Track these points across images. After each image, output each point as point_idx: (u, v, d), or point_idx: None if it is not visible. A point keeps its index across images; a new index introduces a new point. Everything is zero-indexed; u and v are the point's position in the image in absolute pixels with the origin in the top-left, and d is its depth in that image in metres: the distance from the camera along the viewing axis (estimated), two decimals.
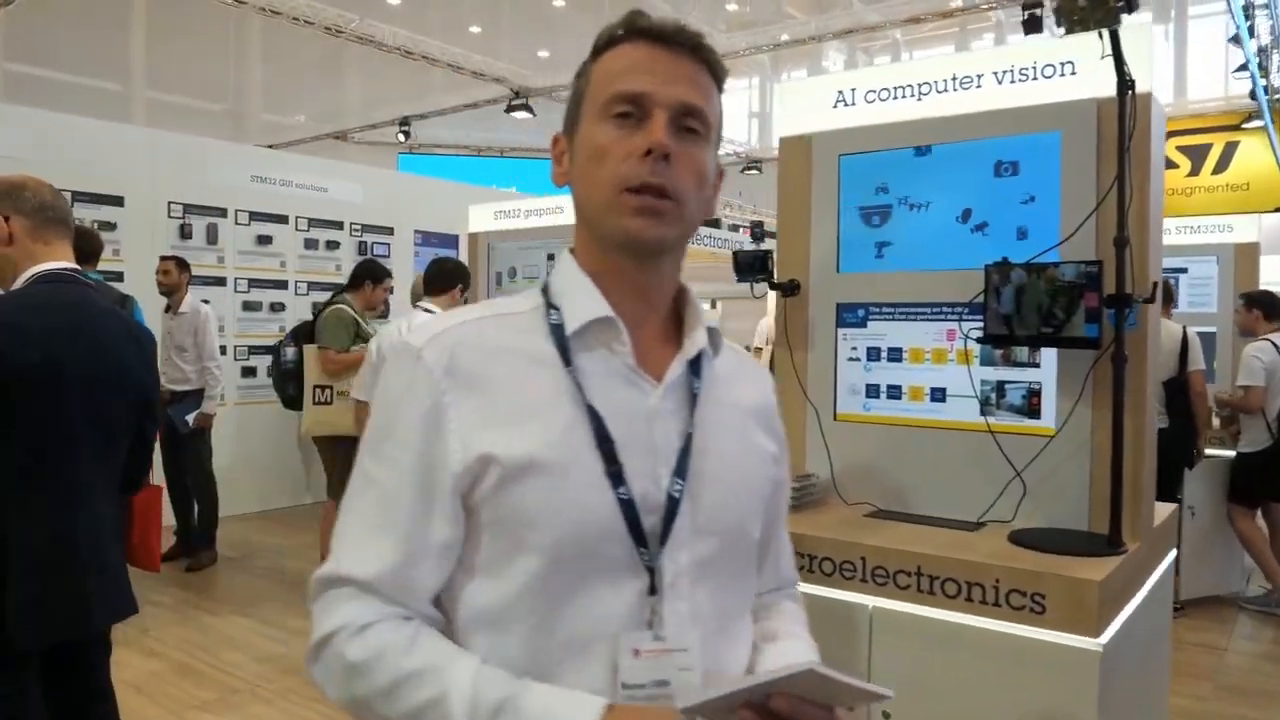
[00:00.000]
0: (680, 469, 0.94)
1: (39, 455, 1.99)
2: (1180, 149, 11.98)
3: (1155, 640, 2.68)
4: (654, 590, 0.90)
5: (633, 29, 0.97)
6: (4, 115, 6.53)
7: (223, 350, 6.57)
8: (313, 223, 8.08)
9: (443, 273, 4.16)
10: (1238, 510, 5.25)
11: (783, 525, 1.16)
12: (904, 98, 2.74)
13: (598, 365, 0.94)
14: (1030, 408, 2.54)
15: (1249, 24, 8.62)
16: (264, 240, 7.72)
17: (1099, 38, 2.10)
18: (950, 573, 2.21)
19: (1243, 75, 9.25)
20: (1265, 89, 9.38)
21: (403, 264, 8.67)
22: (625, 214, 0.92)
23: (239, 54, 16.04)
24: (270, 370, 5.85)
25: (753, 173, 24.03)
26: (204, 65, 15.88)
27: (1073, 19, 2.00)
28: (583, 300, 0.96)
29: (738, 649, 1.00)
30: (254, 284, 7.65)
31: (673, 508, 0.92)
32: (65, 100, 11.40)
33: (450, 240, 9.10)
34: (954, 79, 2.65)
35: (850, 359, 2.83)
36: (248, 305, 7.62)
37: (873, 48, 24.19)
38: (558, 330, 0.95)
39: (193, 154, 7.43)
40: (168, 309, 5.91)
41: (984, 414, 2.59)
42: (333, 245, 8.23)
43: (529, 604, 0.88)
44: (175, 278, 5.80)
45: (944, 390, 2.68)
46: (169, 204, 7.15)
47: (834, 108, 2.84)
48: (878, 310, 2.78)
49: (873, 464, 2.76)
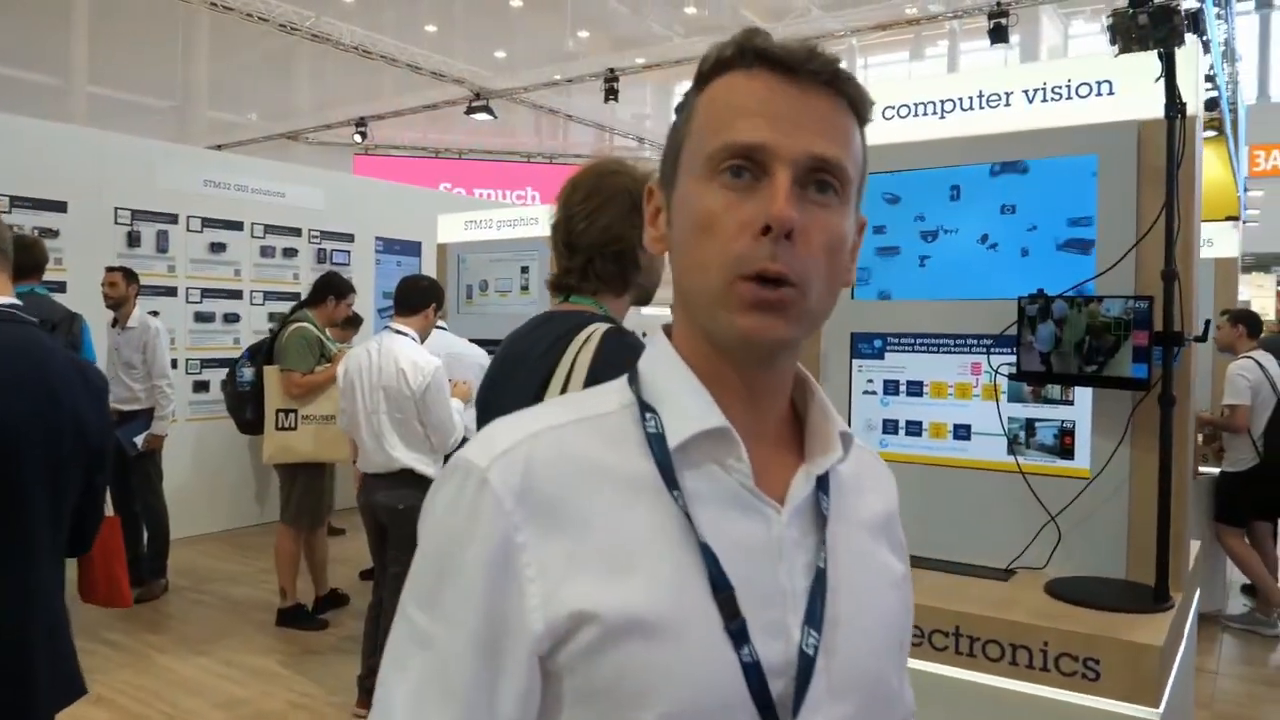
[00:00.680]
0: (812, 615, 0.74)
1: None
2: None
3: (1189, 687, 2.55)
4: None
5: (749, 52, 0.74)
6: None
7: (173, 364, 6.24)
8: (269, 229, 7.75)
9: (416, 291, 3.91)
10: (1225, 530, 5.20)
11: (907, 651, 0.93)
12: (925, 115, 2.58)
13: (708, 487, 0.74)
14: (1063, 447, 2.39)
15: (1213, 35, 8.65)
16: (217, 248, 7.38)
17: (1159, 58, 1.94)
18: (993, 633, 2.04)
19: (1205, 86, 9.30)
20: (1228, 101, 9.44)
21: (363, 273, 8.37)
22: (738, 309, 0.72)
23: (186, 49, 15.50)
24: (224, 390, 5.52)
25: None
26: (149, 60, 15.33)
27: (1130, 37, 1.84)
28: (689, 404, 0.76)
29: None
30: (207, 294, 7.30)
31: (807, 667, 0.72)
32: None
33: (413, 248, 8.81)
34: (980, 96, 2.48)
35: (866, 392, 2.66)
36: (200, 316, 7.27)
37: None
38: (657, 442, 0.74)
39: (141, 156, 7.06)
40: (114, 323, 5.57)
41: (1012, 453, 2.43)
42: (290, 253, 7.90)
43: None
44: (122, 290, 5.47)
45: (968, 427, 2.52)
46: (115, 210, 6.78)
47: None
48: (896, 341, 2.61)
49: None
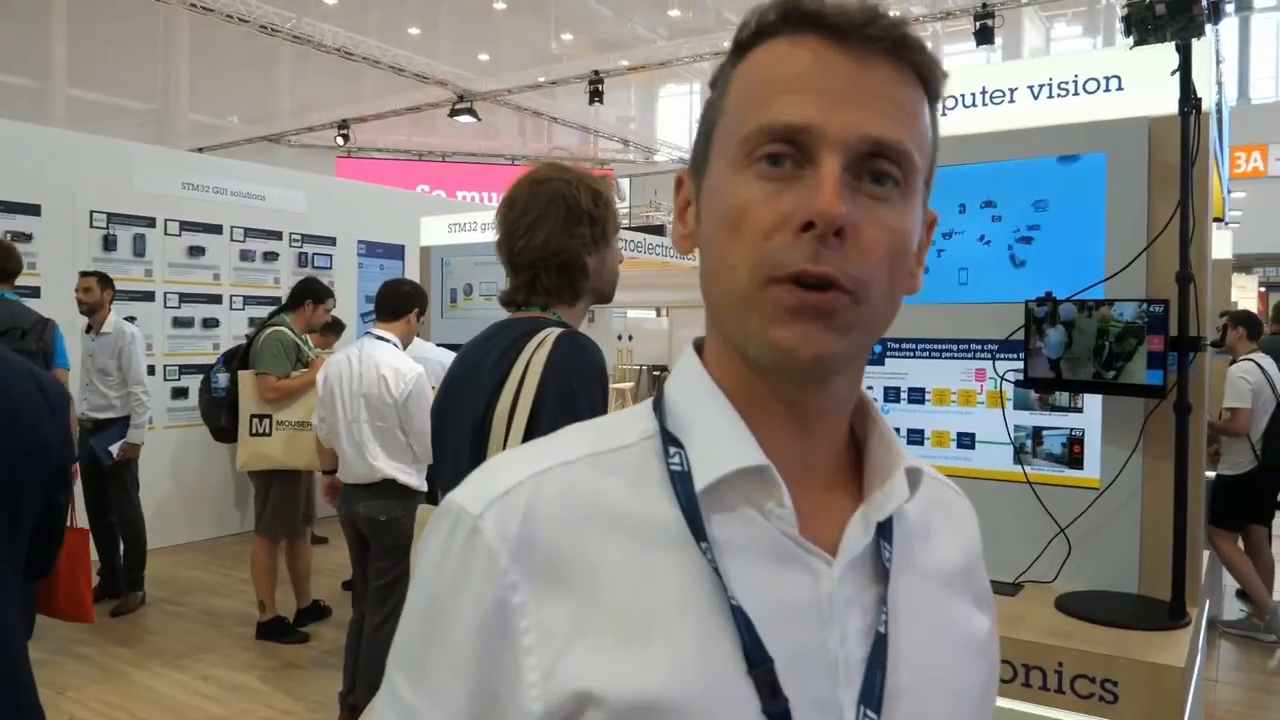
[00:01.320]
0: (870, 692, 0.60)
1: None
2: None
3: (1200, 703, 2.47)
4: None
5: (795, 13, 0.61)
6: None
7: (151, 371, 6.08)
8: (249, 233, 7.60)
9: (398, 296, 3.80)
10: (1220, 534, 5.14)
11: (992, 710, 0.78)
12: None
13: (742, 536, 0.61)
14: (1071, 456, 2.30)
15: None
16: (196, 252, 7.23)
17: (1176, 50, 1.86)
18: (1004, 653, 1.94)
19: None
20: (1216, 103, 9.45)
21: (345, 277, 8.25)
22: (771, 317, 0.59)
23: (166, 51, 15.32)
24: (199, 396, 5.38)
25: None
26: (129, 62, 15.14)
27: (1146, 29, 1.76)
28: (720, 436, 0.63)
29: None
30: (185, 299, 7.15)
31: None
32: None
33: (396, 251, 8.69)
34: (984, 92, 2.40)
35: None
36: (178, 322, 7.12)
37: None
38: (682, 482, 0.62)
39: (118, 158, 6.91)
40: (89, 329, 5.43)
41: (1019, 462, 2.35)
42: (271, 257, 7.76)
43: None
44: (97, 295, 5.33)
45: (973, 436, 2.44)
46: (91, 213, 6.62)
47: None
48: (897, 346, 2.52)
49: None
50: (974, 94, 2.42)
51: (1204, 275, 2.13)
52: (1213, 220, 6.24)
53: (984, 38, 11.37)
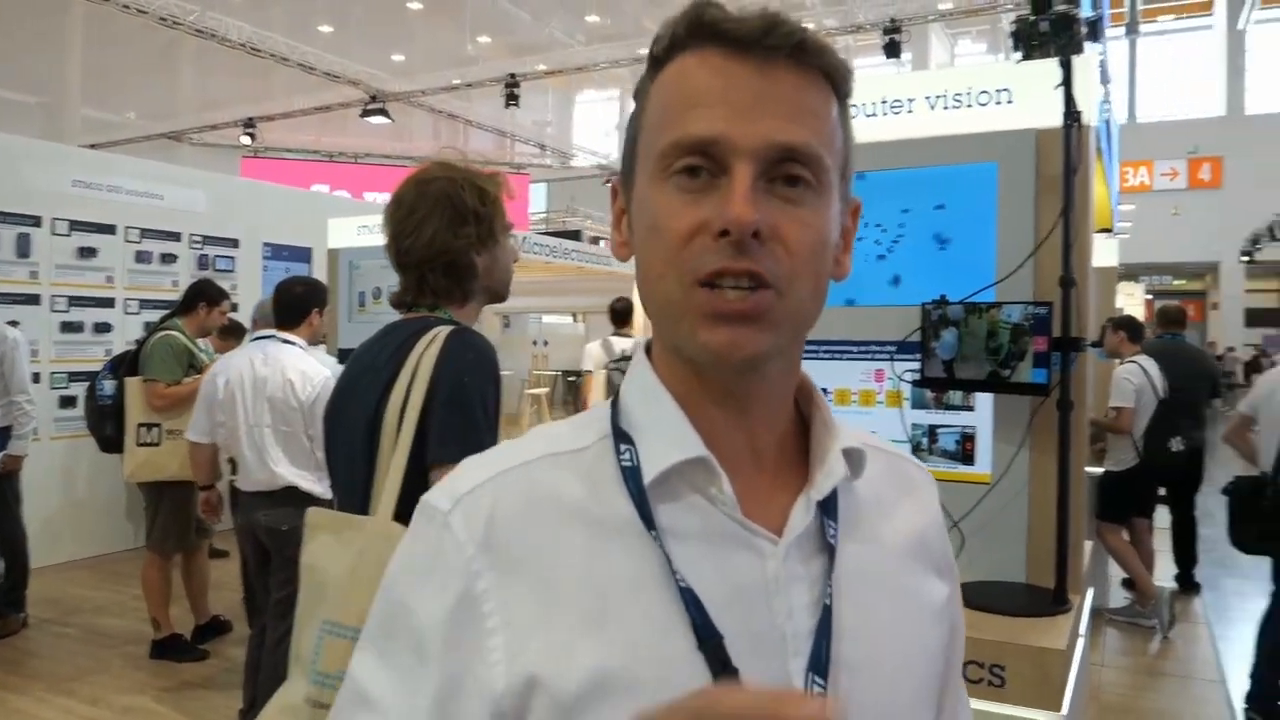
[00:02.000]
0: (817, 661, 0.65)
1: None
2: None
3: (1085, 685, 2.59)
4: None
5: (698, 27, 0.64)
6: None
7: (35, 378, 5.81)
8: (145, 233, 7.32)
9: (296, 299, 3.67)
10: (1107, 527, 5.39)
11: (958, 676, 0.84)
12: None
13: (691, 522, 0.66)
14: (964, 453, 2.39)
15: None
16: (87, 253, 6.92)
17: (1060, 65, 1.96)
18: None
19: None
20: (1104, 120, 9.91)
21: (249, 280, 8.02)
22: (699, 321, 0.63)
23: (58, 42, 14.66)
24: (85, 404, 5.15)
25: None
26: (15, 53, 14.45)
27: (1032, 44, 1.84)
28: (664, 432, 0.67)
29: None
30: (75, 302, 6.84)
31: None
32: None
33: (303, 254, 8.49)
34: (884, 102, 2.48)
35: None
36: (67, 326, 6.79)
37: None
38: (632, 477, 0.66)
39: (1, 153, 6.58)
40: None
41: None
42: (169, 259, 7.49)
43: None
44: None
45: (873, 435, 2.50)
46: None
47: None
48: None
49: None
50: (874, 104, 2.49)
51: (1084, 280, 2.24)
52: (1102, 230, 6.57)
53: (892, 52, 11.72)
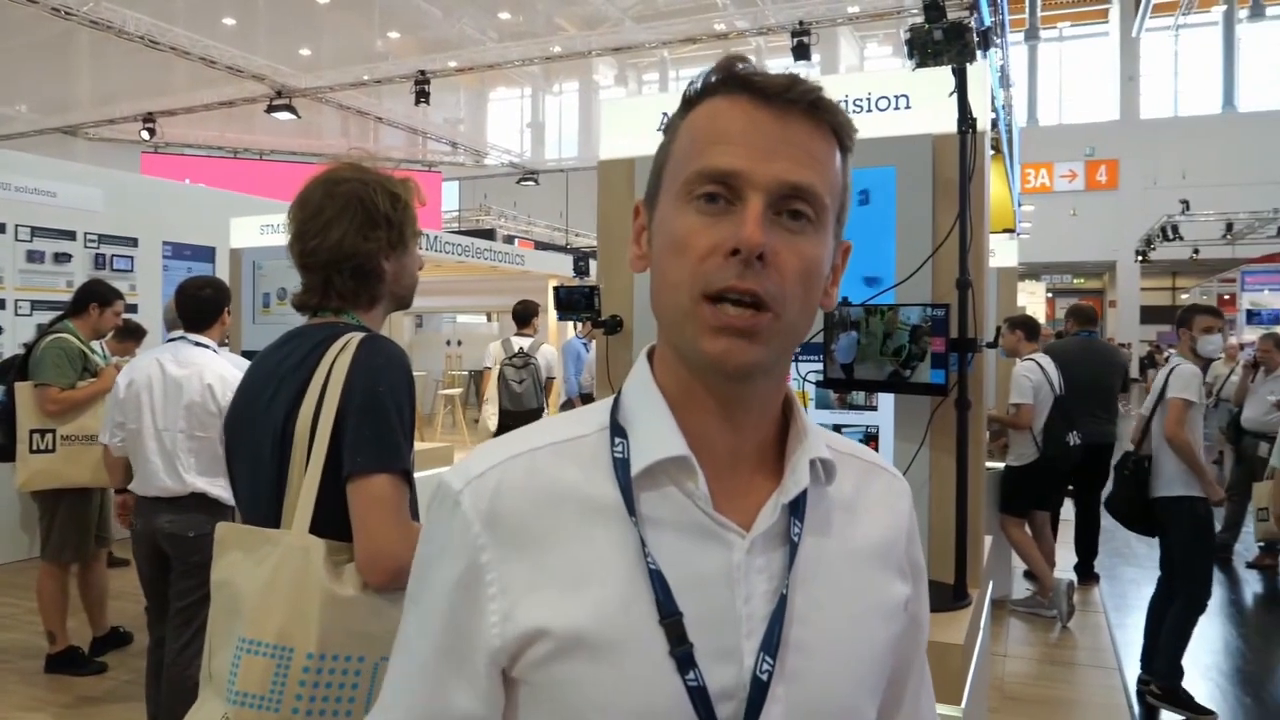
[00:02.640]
0: (769, 641, 0.74)
1: None
2: None
3: (985, 676, 2.67)
4: None
5: (731, 79, 0.76)
6: None
7: None
8: (37, 232, 7.00)
9: (207, 301, 3.57)
10: (1009, 520, 5.57)
11: (921, 670, 0.94)
12: None
13: (668, 513, 0.76)
14: None
15: (991, 63, 9.36)
16: None
17: (953, 73, 2.01)
18: None
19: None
20: (1005, 123, 10.24)
21: (149, 280, 7.74)
22: (703, 331, 0.73)
23: None
24: None
25: (528, 184, 23.90)
26: None
27: (926, 52, 1.89)
28: (653, 430, 0.77)
29: None
30: None
31: (759, 693, 0.73)
32: None
33: (206, 253, 8.22)
34: None
35: None
36: None
37: (641, 64, 24.83)
38: (621, 467, 0.77)
39: None
40: None
41: None
42: (63, 258, 7.18)
43: None
44: None
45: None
46: None
47: (659, 130, 2.64)
48: None
49: None
50: None
51: (981, 281, 2.30)
52: (1005, 231, 6.76)
53: (801, 54, 11.89)
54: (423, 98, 14.25)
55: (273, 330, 1.78)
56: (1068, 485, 6.33)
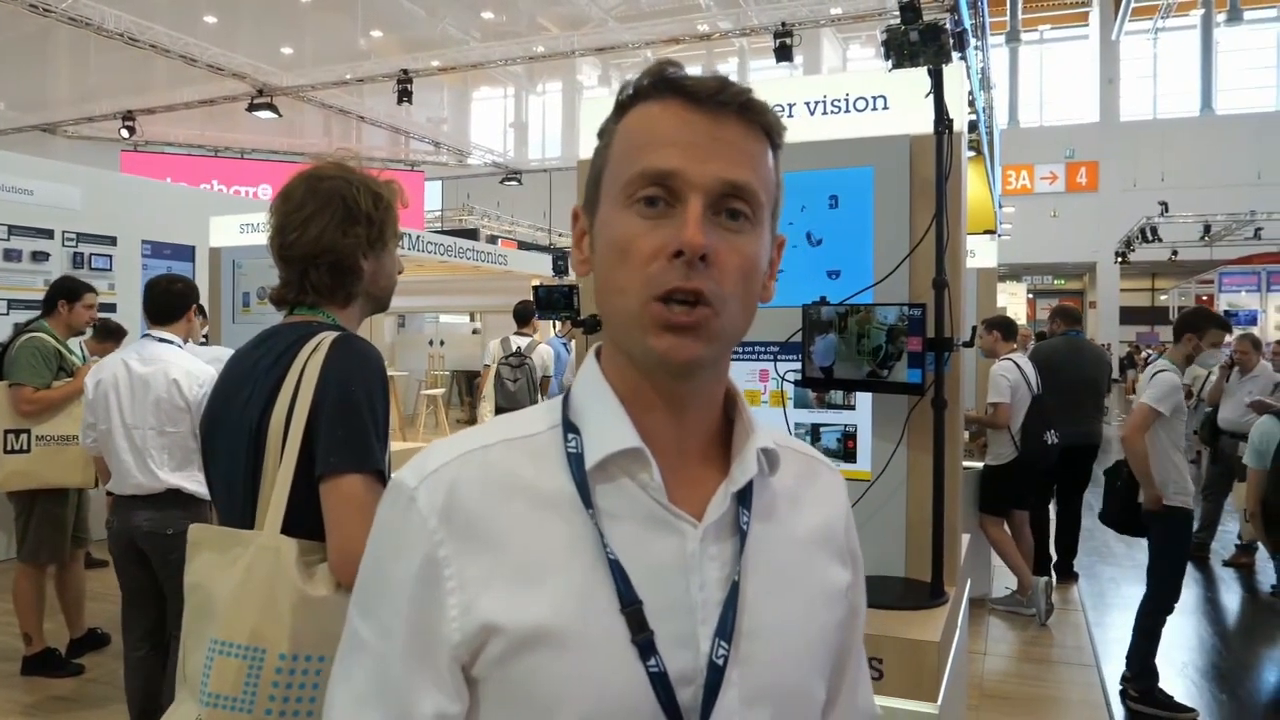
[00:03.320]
0: (724, 627, 0.77)
1: None
2: None
3: (963, 674, 2.69)
4: None
5: (662, 82, 0.78)
6: None
7: None
8: (14, 230, 6.93)
9: (175, 296, 3.55)
10: (988, 519, 5.60)
11: (859, 655, 0.97)
12: None
13: (623, 505, 0.78)
14: (846, 451, 2.46)
15: (971, 63, 9.41)
16: None
17: (929, 74, 2.02)
18: None
19: (968, 111, 10.10)
20: (985, 125, 10.30)
21: (128, 279, 7.67)
22: (652, 330, 0.75)
23: None
24: None
25: (512, 184, 23.85)
26: None
27: (902, 54, 1.90)
28: (606, 424, 0.79)
29: None
30: None
31: (715, 677, 0.76)
32: None
33: (185, 252, 8.16)
34: None
35: None
36: None
37: (625, 65, 24.83)
38: (576, 462, 0.79)
39: None
40: None
41: None
42: (40, 257, 7.12)
43: None
44: None
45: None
46: None
47: None
48: None
49: None
50: None
51: (958, 281, 2.32)
52: (985, 232, 6.79)
53: (783, 55, 11.92)
54: (405, 97, 14.20)
55: (252, 330, 1.78)
56: (1050, 484, 6.36)
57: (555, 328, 7.96)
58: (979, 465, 5.71)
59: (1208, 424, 7.37)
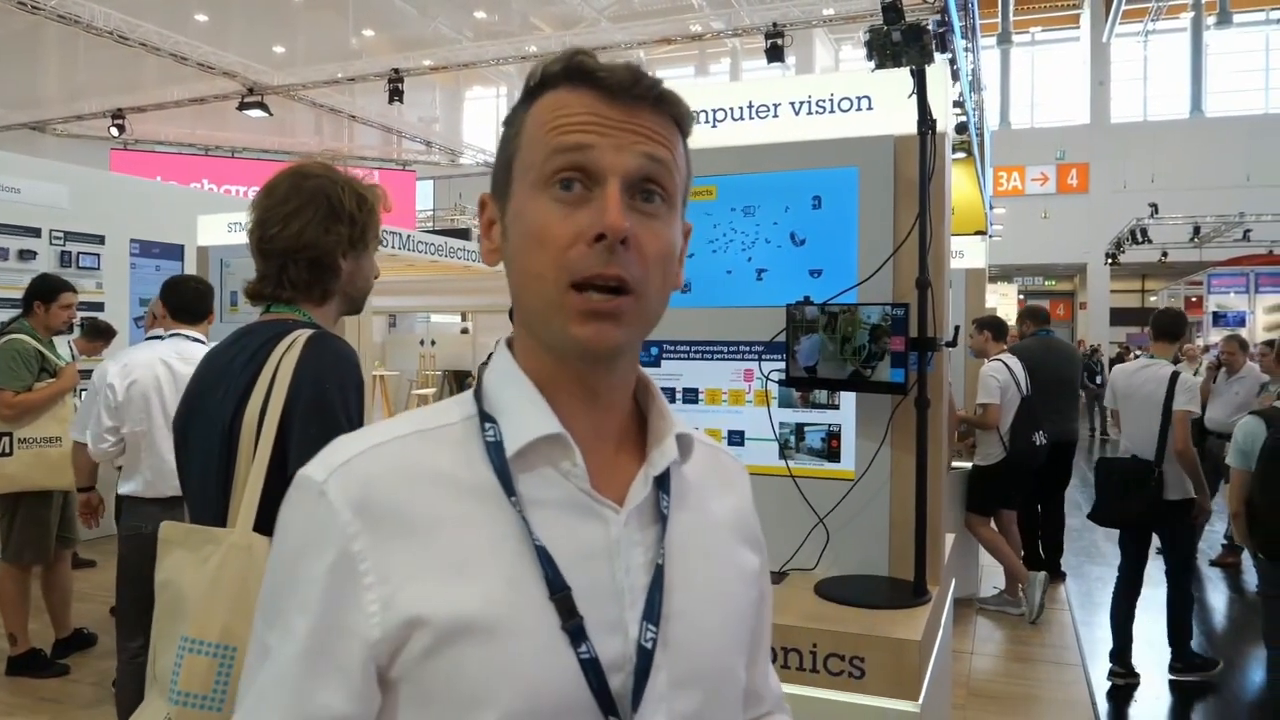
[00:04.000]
0: (650, 611, 0.77)
1: None
2: None
3: (946, 674, 2.69)
4: None
5: (575, 71, 0.77)
6: None
7: None
8: (0, 229, 6.89)
9: (200, 296, 3.59)
10: (976, 519, 5.61)
11: (768, 640, 1.01)
12: (697, 123, 2.58)
13: (547, 492, 0.77)
14: (830, 450, 2.46)
15: (962, 65, 9.44)
16: None
17: (911, 75, 2.03)
18: None
19: (955, 111, 10.14)
20: (975, 125, 10.33)
21: (117, 278, 7.64)
22: (573, 318, 0.75)
23: None
24: None
25: None
26: None
27: (885, 54, 1.90)
28: (526, 412, 0.78)
29: None
30: None
31: (645, 661, 0.76)
32: None
33: (175, 251, 8.13)
34: (749, 106, 2.52)
35: None
36: None
37: None
38: (496, 450, 0.77)
39: None
40: None
41: (783, 458, 2.48)
42: (27, 255, 7.08)
43: None
44: None
45: (742, 433, 2.56)
46: None
47: None
48: (672, 348, 2.61)
49: None
50: (740, 108, 2.54)
51: (941, 281, 2.33)
52: (976, 233, 6.80)
53: (774, 56, 11.92)
54: (397, 96, 14.16)
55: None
56: (1038, 485, 6.37)
57: None
58: (968, 465, 5.73)
59: (1194, 424, 7.39)
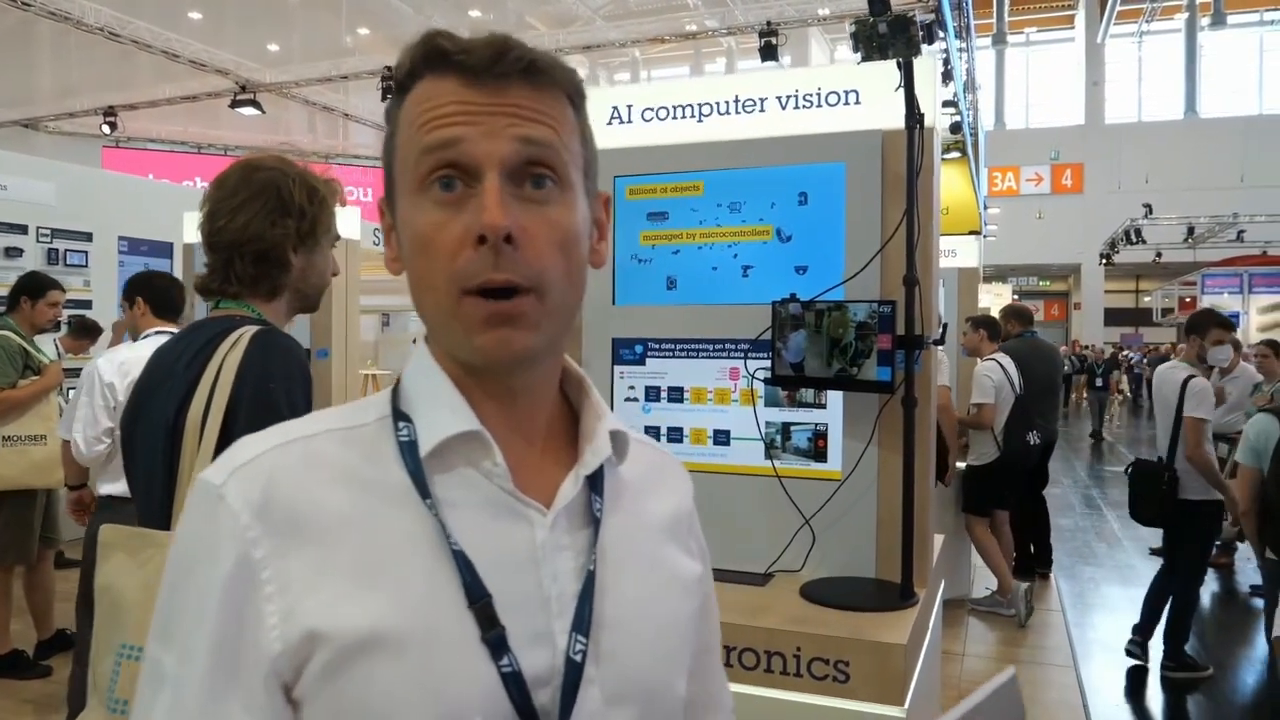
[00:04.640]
0: (580, 621, 0.71)
1: None
2: None
3: (934, 676, 2.66)
4: None
5: (433, 55, 0.71)
6: None
7: None
8: None
9: (177, 292, 3.59)
10: (973, 519, 5.57)
11: (717, 659, 0.94)
12: (683, 118, 2.55)
13: (465, 494, 0.72)
14: (816, 450, 2.42)
15: (956, 65, 9.42)
16: None
17: (897, 68, 1.99)
18: (748, 642, 2.01)
19: (948, 110, 10.11)
20: (969, 125, 10.31)
21: (104, 275, 7.58)
22: (471, 328, 0.69)
23: None
24: None
25: None
26: None
27: (871, 46, 1.87)
28: (441, 410, 0.73)
29: None
30: None
31: (574, 675, 0.70)
32: None
33: (163, 248, 8.07)
34: (736, 101, 2.48)
35: (628, 399, 2.60)
36: None
37: (612, 64, 24.79)
38: (409, 451, 0.72)
39: None
40: None
41: (769, 457, 2.44)
42: (14, 253, 7.02)
43: None
44: None
45: (728, 433, 2.51)
46: None
47: (609, 124, 2.61)
48: (657, 346, 2.57)
49: None
50: (727, 102, 2.50)
51: (929, 278, 2.29)
52: (970, 233, 6.78)
53: (769, 54, 11.90)
54: (389, 94, 14.13)
55: None
56: (1029, 484, 6.35)
57: None
58: (961, 466, 5.70)
59: None
